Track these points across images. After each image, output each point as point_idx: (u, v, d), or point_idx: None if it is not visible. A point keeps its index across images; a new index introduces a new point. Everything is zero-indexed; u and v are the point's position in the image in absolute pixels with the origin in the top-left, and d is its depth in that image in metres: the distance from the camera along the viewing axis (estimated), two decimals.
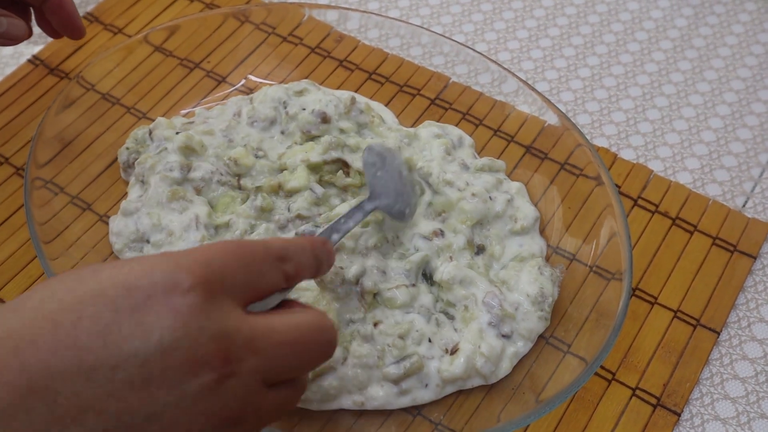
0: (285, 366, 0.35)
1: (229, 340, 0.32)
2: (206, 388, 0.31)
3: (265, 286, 0.36)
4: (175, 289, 0.31)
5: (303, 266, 0.38)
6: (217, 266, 0.33)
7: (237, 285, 0.34)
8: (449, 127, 0.65)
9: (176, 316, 0.31)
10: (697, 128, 0.69)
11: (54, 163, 0.61)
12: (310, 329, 0.36)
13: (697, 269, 0.59)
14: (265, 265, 0.35)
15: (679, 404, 0.53)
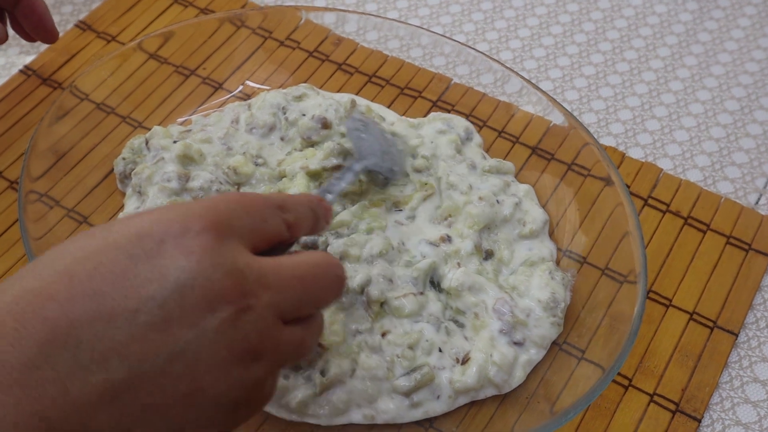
0: (297, 300, 0.35)
1: (242, 276, 0.33)
2: (225, 322, 0.32)
3: (269, 231, 0.36)
4: (186, 232, 0.32)
5: (302, 217, 0.39)
6: (223, 211, 0.34)
7: (244, 228, 0.35)
8: (455, 120, 0.64)
9: (190, 256, 0.32)
10: (706, 125, 0.67)
11: (48, 175, 0.60)
12: (318, 265, 0.37)
13: (711, 269, 0.58)
14: (267, 212, 0.36)
15: (698, 410, 0.52)
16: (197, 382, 0.31)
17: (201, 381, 0.32)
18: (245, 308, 0.32)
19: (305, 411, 0.48)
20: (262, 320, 0.33)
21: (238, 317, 0.32)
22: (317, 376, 0.49)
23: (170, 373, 0.31)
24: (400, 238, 0.55)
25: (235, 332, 0.32)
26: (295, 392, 0.48)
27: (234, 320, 0.32)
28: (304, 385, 0.49)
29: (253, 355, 0.33)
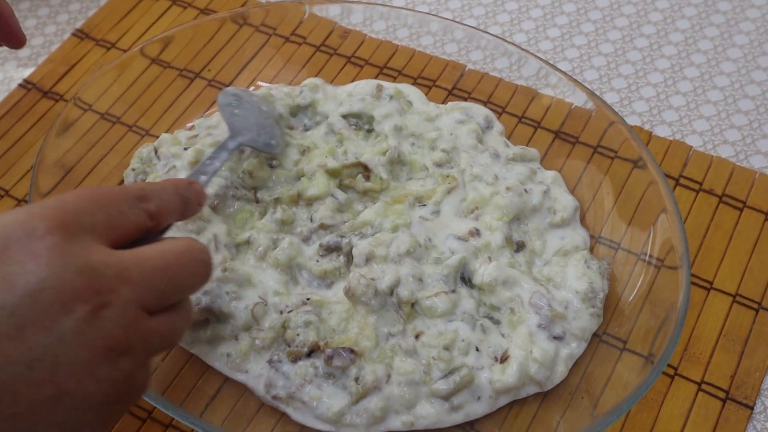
0: (162, 290, 0.35)
1: (96, 272, 0.32)
2: (82, 322, 0.31)
3: (127, 224, 0.35)
4: (31, 235, 0.31)
5: (167, 205, 0.38)
6: (71, 208, 0.33)
7: (97, 224, 0.34)
8: (473, 108, 0.61)
9: (37, 260, 0.31)
10: (733, 97, 0.65)
11: (57, 191, 0.57)
12: (183, 252, 0.36)
13: (751, 248, 0.55)
14: (124, 205, 0.35)
15: (750, 396, 0.49)
16: (61, 385, 0.31)
17: (65, 384, 0.31)
18: (103, 305, 0.32)
19: (341, 421, 0.46)
20: (123, 315, 0.32)
21: (95, 315, 0.31)
22: (352, 383, 0.47)
23: (32, 380, 0.30)
24: (426, 235, 0.53)
25: (94, 330, 0.31)
26: (330, 402, 0.47)
27: (91, 319, 0.31)
28: (338, 394, 0.47)
29: (119, 351, 0.32)
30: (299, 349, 0.48)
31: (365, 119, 0.61)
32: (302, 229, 0.54)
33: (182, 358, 0.51)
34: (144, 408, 0.51)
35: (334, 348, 0.48)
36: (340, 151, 0.58)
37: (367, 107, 0.60)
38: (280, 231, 0.54)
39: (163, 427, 0.50)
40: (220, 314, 0.50)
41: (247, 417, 0.48)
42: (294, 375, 0.48)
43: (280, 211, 0.54)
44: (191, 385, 0.50)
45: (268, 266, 0.52)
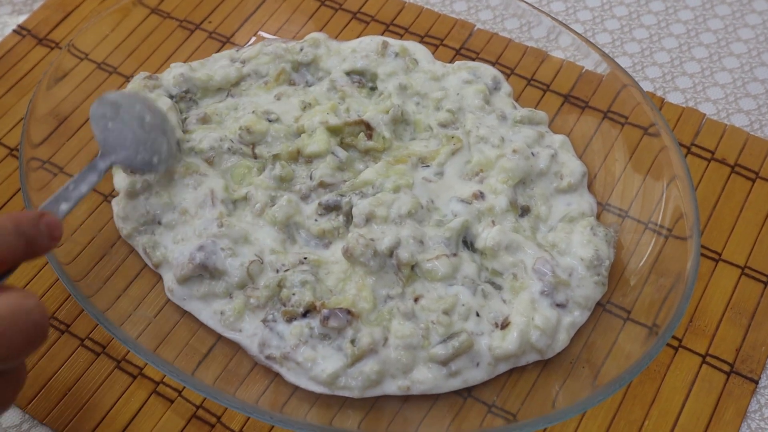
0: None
1: None
2: None
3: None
4: None
5: (6, 248, 0.34)
6: None
7: None
8: (481, 68, 0.59)
9: None
10: (750, 65, 0.63)
11: (50, 141, 0.56)
12: (6, 315, 0.32)
13: (763, 220, 0.54)
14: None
15: (755, 370, 0.48)
16: None
17: None
18: None
19: (336, 383, 0.45)
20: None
21: None
22: (348, 345, 0.45)
23: None
24: (428, 196, 0.51)
25: None
26: (325, 363, 0.45)
27: None
28: (334, 356, 0.46)
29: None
30: (294, 309, 0.47)
31: (369, 76, 0.59)
32: (301, 186, 0.52)
33: (175, 315, 0.50)
34: (135, 364, 0.50)
35: (330, 308, 0.46)
36: (342, 108, 0.56)
37: (371, 64, 0.58)
38: (278, 188, 0.52)
39: (153, 384, 0.49)
40: (214, 271, 0.48)
41: (240, 376, 0.47)
42: (289, 335, 0.46)
43: (279, 167, 0.52)
44: (184, 342, 0.49)
45: (265, 223, 0.51)
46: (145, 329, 0.49)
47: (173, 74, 0.58)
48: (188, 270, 0.48)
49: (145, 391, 0.49)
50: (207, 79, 0.58)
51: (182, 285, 0.49)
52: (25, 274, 0.53)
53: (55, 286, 0.53)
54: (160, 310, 0.50)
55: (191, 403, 0.48)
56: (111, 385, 0.49)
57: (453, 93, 0.57)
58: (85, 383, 0.49)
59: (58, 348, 0.50)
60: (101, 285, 0.50)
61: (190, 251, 0.49)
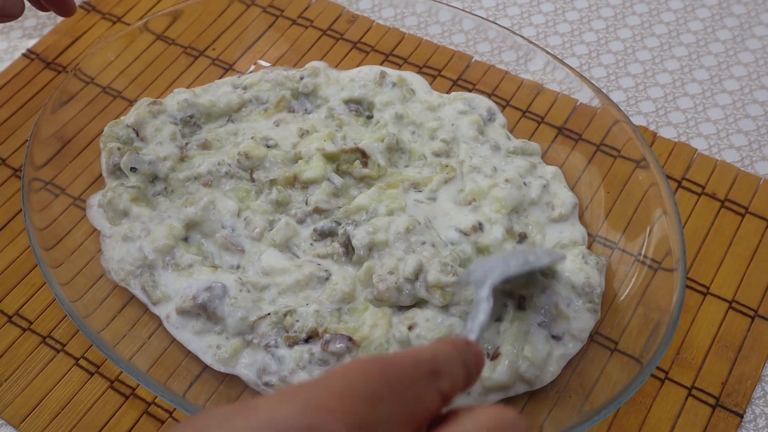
0: None
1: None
2: None
3: (422, 413, 0.27)
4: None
5: (456, 380, 0.29)
6: (361, 394, 0.25)
7: (393, 416, 0.26)
8: (476, 99, 0.60)
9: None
10: (742, 102, 0.64)
11: (54, 162, 0.57)
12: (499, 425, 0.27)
13: (751, 255, 0.55)
14: (419, 386, 0.27)
15: (740, 404, 0.49)
16: None
17: None
18: None
19: None
20: None
21: None
22: None
23: None
24: (424, 215, 0.52)
25: None
26: None
27: None
28: None
29: None
30: (297, 335, 0.48)
31: (366, 105, 0.60)
32: (297, 211, 0.53)
33: (169, 336, 0.50)
34: (128, 385, 0.50)
35: (332, 334, 0.47)
36: (339, 135, 0.57)
37: (368, 93, 0.60)
38: (275, 212, 0.53)
39: (145, 405, 0.50)
40: (212, 314, 0.49)
41: (231, 398, 0.48)
42: (289, 358, 0.47)
43: (276, 191, 0.54)
44: (176, 363, 0.49)
45: (265, 247, 0.52)
46: (139, 350, 0.49)
47: (177, 99, 0.59)
48: (188, 305, 0.49)
49: (137, 412, 0.49)
50: (210, 105, 0.59)
51: (180, 315, 0.50)
52: (23, 293, 0.54)
53: (53, 306, 0.54)
54: (155, 331, 0.51)
55: None
56: (104, 405, 0.50)
57: (448, 123, 0.59)
58: (78, 402, 0.50)
59: (53, 367, 0.51)
60: (97, 306, 0.51)
61: (197, 288, 0.49)
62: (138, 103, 0.60)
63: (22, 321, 0.53)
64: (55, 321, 0.53)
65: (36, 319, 0.53)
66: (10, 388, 0.50)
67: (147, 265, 0.51)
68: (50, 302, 0.54)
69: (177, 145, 0.56)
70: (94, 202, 0.55)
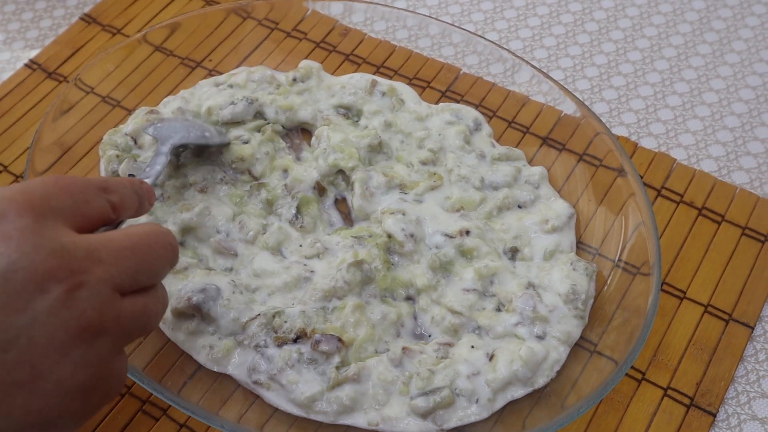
0: (132, 270, 0.35)
1: (68, 254, 0.32)
2: (57, 302, 0.31)
3: (92, 212, 0.36)
4: (2, 218, 0.31)
5: (126, 199, 0.39)
6: (40, 193, 0.33)
7: (64, 209, 0.34)
8: (463, 110, 0.63)
9: (8, 242, 0.31)
10: (720, 114, 0.66)
11: (54, 169, 0.59)
12: (148, 234, 0.37)
13: (726, 261, 0.57)
14: (89, 194, 0.36)
15: (713, 404, 0.51)
16: (37, 367, 0.30)
17: (41, 366, 0.30)
18: (77, 285, 0.31)
19: (312, 407, 0.48)
20: (97, 295, 0.32)
21: (70, 295, 0.31)
22: (332, 370, 0.48)
23: (6, 362, 0.30)
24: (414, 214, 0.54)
25: (69, 311, 0.31)
26: (305, 387, 0.48)
27: (66, 299, 0.31)
28: (316, 380, 0.48)
29: (94, 332, 0.32)
30: (286, 335, 0.49)
31: (355, 112, 0.62)
32: (282, 210, 0.56)
33: (164, 337, 0.52)
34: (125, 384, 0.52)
35: (321, 334, 0.49)
36: None
37: (358, 101, 0.62)
38: (267, 214, 0.56)
39: (140, 402, 0.51)
40: (207, 316, 0.50)
41: (223, 397, 0.50)
42: (278, 358, 0.49)
43: (264, 192, 0.56)
44: (171, 362, 0.51)
45: (259, 250, 0.54)
46: (135, 349, 0.51)
47: (171, 108, 0.61)
48: (183, 306, 0.50)
49: (133, 409, 0.51)
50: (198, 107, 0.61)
51: (175, 316, 0.51)
52: None
53: None
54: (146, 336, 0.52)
55: (175, 422, 0.50)
56: None
57: (435, 133, 0.61)
58: None
59: None
60: None
61: (191, 289, 0.51)
62: (136, 113, 0.62)
63: None
64: None
65: None
66: None
67: None
68: None
69: None
70: None
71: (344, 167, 0.57)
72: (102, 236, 0.34)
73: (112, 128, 0.61)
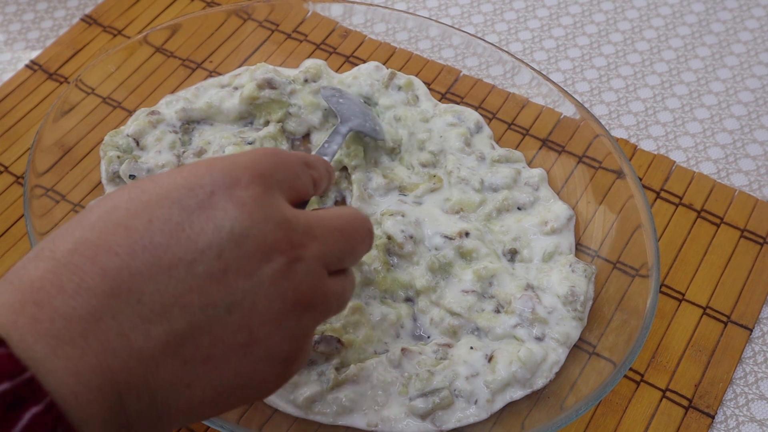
0: (339, 251, 0.35)
1: (291, 227, 0.33)
2: (278, 273, 0.32)
3: (301, 186, 0.36)
4: (236, 184, 0.32)
5: (322, 176, 0.39)
6: (267, 164, 0.34)
7: (283, 182, 0.35)
8: (466, 112, 0.63)
9: (242, 208, 0.32)
10: (719, 116, 0.66)
11: (54, 170, 0.59)
12: (352, 217, 0.37)
13: (725, 263, 0.57)
14: (299, 168, 0.37)
15: (712, 406, 0.51)
16: (254, 333, 0.31)
17: (257, 332, 0.32)
18: (296, 258, 0.32)
19: (312, 408, 0.48)
20: (311, 271, 0.33)
21: (290, 268, 0.32)
22: (332, 371, 0.48)
23: (229, 323, 0.31)
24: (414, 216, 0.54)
25: (287, 283, 0.32)
26: (305, 388, 0.48)
27: (286, 271, 0.32)
28: (315, 381, 0.48)
29: (304, 306, 0.33)
30: None
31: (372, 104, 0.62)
32: None
33: None
34: None
35: (321, 335, 0.49)
36: None
37: (374, 93, 0.62)
38: None
39: None
40: None
41: None
42: None
43: None
44: None
45: None
46: None
47: (175, 108, 0.61)
48: None
49: None
50: (207, 107, 0.61)
51: None
52: None
53: None
54: None
55: None
56: None
57: (437, 135, 0.61)
58: None
59: None
60: None
61: None
62: (136, 114, 0.62)
63: None
64: None
65: None
66: None
67: None
68: None
69: (175, 153, 0.58)
70: None
71: (347, 165, 0.57)
72: (315, 213, 0.35)
73: (113, 129, 0.61)
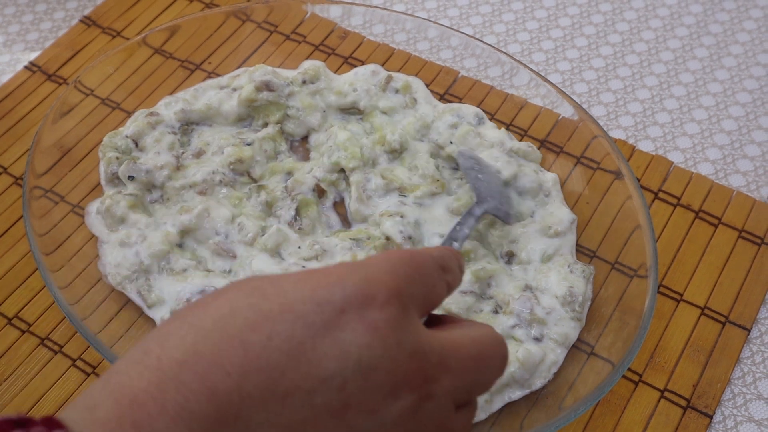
0: (470, 384, 0.31)
1: (425, 357, 0.29)
2: (405, 412, 0.28)
3: (435, 298, 0.32)
4: (370, 302, 0.29)
5: (456, 279, 0.35)
6: (404, 276, 0.30)
7: (419, 297, 0.31)
8: (463, 108, 0.63)
9: (375, 333, 0.28)
10: (717, 117, 0.66)
11: (54, 171, 0.59)
12: (488, 343, 0.32)
13: (723, 264, 0.57)
14: (435, 276, 0.32)
15: (710, 406, 0.51)
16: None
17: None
18: (427, 396, 0.29)
19: None
20: (441, 409, 0.30)
21: (419, 406, 0.29)
22: None
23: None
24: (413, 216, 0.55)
25: (413, 424, 0.29)
26: None
27: (415, 410, 0.29)
28: None
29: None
30: None
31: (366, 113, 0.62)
32: (281, 212, 0.56)
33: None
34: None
35: None
36: None
37: (371, 100, 0.62)
38: (266, 216, 0.56)
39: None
40: None
41: None
42: None
43: (264, 194, 0.56)
44: None
45: (258, 251, 0.54)
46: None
47: (174, 110, 0.61)
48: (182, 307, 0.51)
49: None
50: (206, 109, 0.61)
51: None
52: (23, 297, 0.57)
53: (51, 309, 0.56)
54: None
55: None
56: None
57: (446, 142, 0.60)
58: None
59: (51, 367, 0.53)
60: (95, 308, 0.53)
61: (191, 291, 0.51)
62: (135, 115, 0.62)
63: (22, 323, 0.55)
64: (53, 323, 0.55)
65: (35, 322, 0.55)
66: (9, 388, 0.52)
67: (143, 270, 0.53)
68: (49, 305, 0.56)
69: (174, 154, 0.58)
70: (93, 209, 0.57)
71: (345, 166, 0.57)
72: (450, 338, 0.31)
73: (112, 130, 0.61)
